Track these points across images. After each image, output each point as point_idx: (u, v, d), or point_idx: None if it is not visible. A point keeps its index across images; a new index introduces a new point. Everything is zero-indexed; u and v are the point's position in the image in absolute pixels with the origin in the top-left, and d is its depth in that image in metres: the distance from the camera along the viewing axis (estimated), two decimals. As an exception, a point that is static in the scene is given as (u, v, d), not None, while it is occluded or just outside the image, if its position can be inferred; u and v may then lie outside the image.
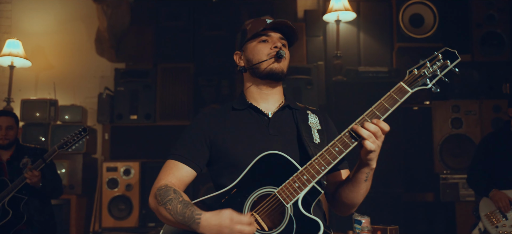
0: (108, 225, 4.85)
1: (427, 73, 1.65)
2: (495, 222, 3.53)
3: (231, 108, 1.86)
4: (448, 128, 4.96)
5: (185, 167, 1.77)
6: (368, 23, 5.41)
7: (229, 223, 1.53)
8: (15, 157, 3.31)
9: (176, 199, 1.65)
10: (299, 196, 1.56)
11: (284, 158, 1.62)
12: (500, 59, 5.14)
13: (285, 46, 1.87)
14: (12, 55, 5.08)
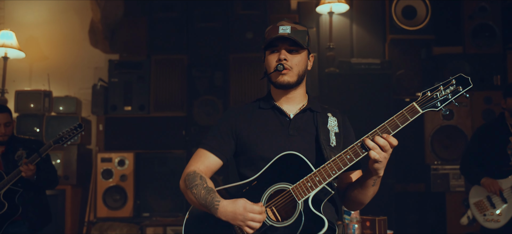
0: (103, 215, 4.91)
1: (439, 96, 1.79)
2: (483, 210, 3.60)
3: (258, 107, 2.01)
4: (439, 120, 5.00)
5: (212, 156, 1.95)
6: (360, 15, 5.41)
7: (242, 211, 1.71)
8: (9, 149, 3.32)
9: (201, 185, 1.83)
10: (310, 195, 1.73)
11: (301, 159, 1.78)
12: (491, 51, 5.16)
13: (295, 53, 1.94)
14: (6, 46, 5.07)
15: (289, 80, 1.92)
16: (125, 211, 4.93)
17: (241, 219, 1.72)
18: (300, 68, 1.94)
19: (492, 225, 3.55)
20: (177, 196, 4.94)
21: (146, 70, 5.24)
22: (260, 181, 1.83)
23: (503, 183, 3.55)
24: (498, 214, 3.54)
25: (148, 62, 5.26)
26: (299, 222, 1.72)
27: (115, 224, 4.78)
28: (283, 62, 1.89)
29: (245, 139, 1.95)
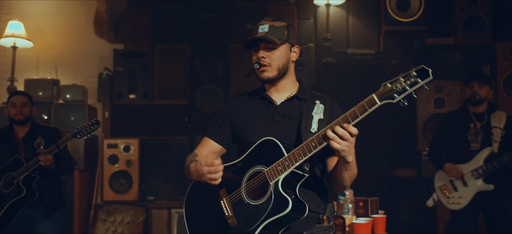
0: (109, 198, 5.09)
1: (398, 88, 1.76)
2: (447, 193, 3.82)
3: (251, 97, 2.18)
4: (431, 108, 5.20)
5: (213, 142, 2.17)
6: (356, 7, 5.57)
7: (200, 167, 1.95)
8: (30, 135, 3.49)
9: (191, 158, 2.09)
10: (279, 178, 1.85)
11: (276, 144, 1.90)
12: (481, 42, 5.31)
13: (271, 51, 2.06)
14: (15, 36, 5.23)
15: (269, 75, 2.06)
16: (130, 195, 5.11)
17: (205, 177, 1.92)
18: (280, 62, 2.06)
19: (454, 207, 3.78)
20: (180, 180, 5.13)
21: (150, 59, 5.38)
22: (243, 163, 2.00)
23: (464, 167, 3.77)
24: (460, 196, 3.76)
25: (151, 51, 5.40)
26: (269, 201, 1.86)
27: (121, 207, 4.97)
28: (260, 60, 2.05)
29: (238, 126, 2.13)
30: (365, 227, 2.75)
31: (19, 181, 3.24)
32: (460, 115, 3.99)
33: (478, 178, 3.73)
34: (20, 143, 3.44)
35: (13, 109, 3.45)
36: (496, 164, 3.67)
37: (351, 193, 3.08)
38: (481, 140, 3.82)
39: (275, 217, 1.81)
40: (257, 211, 1.86)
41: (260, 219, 1.84)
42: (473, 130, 3.85)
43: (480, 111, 3.89)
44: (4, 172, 3.31)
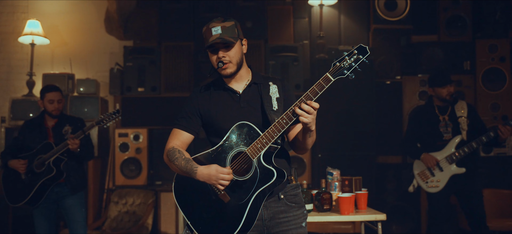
0: (120, 183, 5.46)
1: (346, 65, 2.11)
2: (425, 178, 4.26)
3: (214, 89, 2.43)
4: (416, 100, 5.60)
5: (185, 133, 2.40)
6: (347, 7, 5.92)
7: (215, 173, 2.16)
8: (58, 124, 3.90)
9: (180, 157, 2.30)
10: (260, 154, 2.19)
11: (251, 126, 2.24)
12: (462, 39, 5.70)
13: (229, 48, 2.30)
14: (33, 34, 5.65)
15: (231, 71, 2.30)
16: (140, 180, 5.48)
17: (214, 180, 2.16)
18: (237, 57, 2.30)
19: (433, 190, 4.21)
20: None
21: (157, 55, 5.71)
22: (223, 147, 2.24)
23: (438, 155, 4.18)
24: (437, 180, 4.19)
25: (159, 48, 5.74)
26: (256, 175, 2.17)
27: (132, 191, 5.40)
28: (222, 59, 2.28)
29: (208, 116, 2.34)
30: (348, 200, 3.21)
31: (50, 162, 3.69)
32: (428, 110, 4.37)
33: (452, 163, 4.18)
34: (49, 130, 3.87)
35: (50, 105, 3.84)
36: (466, 150, 4.11)
37: (338, 173, 3.54)
38: (451, 130, 4.26)
39: (264, 186, 2.17)
40: (247, 185, 2.19)
41: (251, 190, 2.18)
42: (443, 122, 4.28)
43: (444, 105, 4.30)
44: (36, 155, 3.76)
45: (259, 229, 2.30)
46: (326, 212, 3.30)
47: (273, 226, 2.31)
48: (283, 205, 2.32)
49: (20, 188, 3.73)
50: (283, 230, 2.31)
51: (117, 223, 5.23)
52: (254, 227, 2.25)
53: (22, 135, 3.89)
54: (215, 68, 2.33)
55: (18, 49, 6.17)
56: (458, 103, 4.32)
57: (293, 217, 2.33)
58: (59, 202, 3.86)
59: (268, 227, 2.31)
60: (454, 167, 4.16)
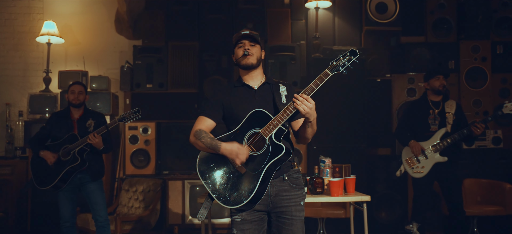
0: (130, 172, 5.88)
1: (340, 64, 2.63)
2: (412, 164, 4.73)
3: (233, 86, 2.91)
4: (404, 96, 6.00)
5: (209, 120, 2.82)
6: (341, 10, 6.31)
7: (236, 149, 2.60)
8: (83, 117, 4.33)
9: (206, 136, 2.71)
10: (272, 133, 2.64)
11: (264, 112, 2.69)
12: (448, 40, 6.13)
13: (254, 45, 2.82)
14: (49, 34, 6.08)
15: (252, 61, 2.76)
16: (148, 170, 5.92)
17: (234, 155, 2.58)
18: (258, 54, 2.79)
19: (417, 175, 4.68)
20: (191, 157, 5.93)
21: (165, 54, 6.11)
22: (241, 130, 2.68)
23: (425, 144, 4.65)
24: (422, 166, 4.66)
25: (166, 47, 6.14)
26: (268, 150, 2.60)
27: (141, 179, 5.83)
28: (248, 50, 2.75)
29: (228, 107, 2.77)
30: (338, 184, 3.66)
31: (75, 152, 4.13)
32: (421, 103, 4.87)
33: (436, 152, 4.64)
34: (74, 123, 4.30)
35: (72, 95, 4.29)
36: (450, 141, 4.58)
37: (329, 161, 3.99)
38: (438, 123, 4.73)
39: (274, 159, 2.62)
40: (260, 158, 2.65)
41: (264, 163, 2.63)
42: (432, 115, 4.74)
43: (436, 100, 4.79)
44: (62, 144, 4.20)
45: (265, 203, 2.74)
46: (319, 195, 3.75)
47: (277, 201, 2.76)
48: (286, 185, 2.77)
49: (47, 173, 4.17)
50: (284, 206, 2.76)
51: (128, 209, 5.68)
52: (263, 201, 2.70)
53: (50, 125, 4.33)
54: (239, 57, 2.80)
55: (34, 48, 6.60)
56: (448, 101, 4.79)
57: (294, 196, 2.78)
58: (81, 187, 4.29)
59: (272, 202, 2.75)
60: (437, 155, 4.61)
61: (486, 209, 5.29)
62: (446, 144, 4.61)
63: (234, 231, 2.73)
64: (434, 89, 4.73)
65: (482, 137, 5.83)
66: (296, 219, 2.76)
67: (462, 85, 6.06)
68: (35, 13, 6.62)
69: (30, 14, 6.62)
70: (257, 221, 2.74)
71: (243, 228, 2.71)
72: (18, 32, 6.61)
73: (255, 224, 2.73)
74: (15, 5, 6.63)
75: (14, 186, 5.89)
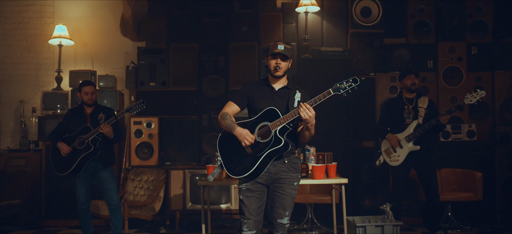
0: (136, 164, 6.38)
1: (342, 87, 3.16)
2: (389, 154, 5.27)
3: (260, 83, 3.52)
4: (387, 93, 6.50)
5: (235, 105, 3.45)
6: (329, 14, 6.80)
7: (244, 134, 3.22)
8: (94, 112, 4.85)
9: (229, 119, 3.34)
10: (277, 128, 3.23)
11: (276, 111, 3.27)
12: (427, 42, 6.63)
13: (284, 60, 3.38)
14: (61, 37, 6.61)
15: (280, 74, 3.34)
16: (152, 161, 6.40)
17: (242, 138, 3.20)
18: (286, 68, 3.37)
19: (395, 163, 5.21)
20: (191, 149, 6.44)
21: (166, 55, 6.57)
22: (256, 120, 3.29)
23: (400, 135, 5.19)
24: (398, 155, 5.20)
25: (167, 49, 6.60)
26: (271, 141, 3.18)
27: (146, 170, 6.37)
28: (278, 65, 3.39)
29: (251, 99, 3.39)
30: (320, 169, 4.21)
31: (89, 141, 4.67)
32: (397, 100, 5.41)
33: (409, 141, 5.18)
34: (87, 117, 4.84)
35: (86, 96, 4.80)
36: (420, 131, 5.12)
37: (314, 149, 4.53)
38: (412, 117, 5.27)
39: (274, 148, 3.20)
40: (263, 145, 3.24)
41: (265, 149, 3.22)
42: (407, 110, 5.29)
43: (411, 97, 5.33)
44: (77, 136, 4.73)
45: (266, 178, 3.33)
46: (304, 178, 4.30)
47: (275, 178, 3.35)
48: (285, 167, 3.35)
49: (65, 161, 4.71)
50: (281, 183, 3.35)
51: (134, 197, 6.22)
52: (263, 177, 3.31)
53: (66, 120, 4.86)
54: (271, 69, 3.37)
55: (45, 49, 7.12)
56: (421, 98, 5.33)
57: (289, 177, 3.37)
58: (95, 175, 4.83)
59: (272, 178, 3.34)
60: (411, 144, 5.16)
61: (459, 195, 5.84)
62: (418, 134, 5.15)
63: (240, 197, 3.35)
64: (406, 87, 5.27)
65: (458, 131, 6.38)
66: (288, 195, 3.35)
67: (440, 83, 6.58)
68: (47, 17, 7.13)
69: (41, 18, 7.14)
70: (258, 191, 3.35)
71: (247, 195, 3.32)
72: (31, 35, 7.14)
73: (257, 193, 3.34)
74: (28, 10, 7.14)
75: (29, 176, 6.43)
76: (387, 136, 5.27)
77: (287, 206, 3.34)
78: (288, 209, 3.33)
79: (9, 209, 6.02)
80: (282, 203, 3.34)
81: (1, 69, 7.13)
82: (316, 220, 6.00)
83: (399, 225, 4.35)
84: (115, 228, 4.81)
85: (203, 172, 6.05)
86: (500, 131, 6.44)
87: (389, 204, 4.51)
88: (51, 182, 6.34)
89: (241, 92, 3.52)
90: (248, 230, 3.31)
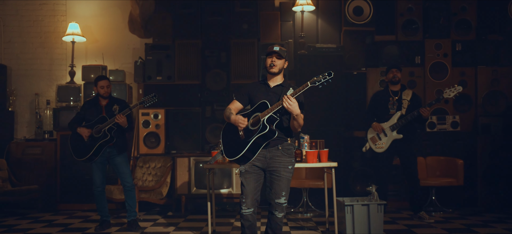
0: (143, 152, 6.85)
1: (318, 81, 3.54)
2: (375, 141, 5.78)
3: (259, 83, 4.01)
4: (377, 87, 6.94)
5: (237, 102, 3.96)
6: (323, 13, 7.28)
7: (238, 119, 3.75)
8: (109, 104, 5.31)
9: (229, 112, 3.88)
10: (265, 117, 3.71)
11: (266, 103, 3.75)
12: (415, 39, 7.10)
13: (279, 59, 3.84)
14: (74, 34, 7.09)
15: (275, 71, 3.84)
16: (159, 149, 6.86)
17: (236, 123, 3.73)
18: (280, 66, 3.83)
19: (379, 150, 5.73)
20: (195, 139, 6.90)
21: (172, 51, 7.00)
22: (252, 111, 3.78)
23: (385, 125, 5.71)
24: (383, 143, 5.72)
25: (173, 45, 7.03)
26: (259, 128, 3.65)
27: (153, 157, 6.86)
28: (273, 62, 3.85)
29: (252, 95, 3.89)
30: (313, 154, 4.71)
31: (105, 129, 5.16)
32: (384, 93, 5.92)
33: (393, 130, 5.69)
34: (103, 108, 5.32)
35: (101, 89, 5.26)
36: (403, 121, 5.63)
37: (308, 137, 5.03)
38: (396, 108, 5.77)
39: (261, 134, 3.69)
40: (253, 132, 3.74)
41: (254, 134, 3.72)
42: (391, 102, 5.79)
43: (396, 89, 5.83)
44: (94, 125, 5.21)
45: (262, 162, 3.83)
46: (298, 162, 4.80)
47: (271, 163, 3.83)
48: (279, 152, 3.84)
49: (83, 147, 5.20)
50: (276, 167, 3.83)
51: (143, 182, 6.72)
52: (260, 161, 3.80)
53: (83, 110, 5.35)
54: (267, 66, 3.87)
55: (58, 45, 7.60)
56: (406, 91, 5.83)
57: (284, 161, 3.85)
58: (110, 160, 5.31)
59: (268, 163, 3.83)
60: (394, 133, 5.67)
61: (442, 181, 6.35)
62: (401, 124, 5.65)
63: (241, 179, 3.86)
64: (389, 79, 5.78)
65: (443, 122, 6.88)
66: (283, 177, 3.85)
67: (426, 77, 7.06)
68: (59, 15, 7.60)
69: (54, 16, 7.61)
70: (256, 173, 3.86)
71: (246, 177, 3.84)
72: (45, 32, 7.61)
73: (254, 175, 3.85)
74: (42, 8, 7.62)
75: (45, 163, 6.93)
76: (372, 124, 5.78)
77: (284, 187, 3.84)
78: (284, 190, 3.84)
79: (28, 193, 6.53)
80: (279, 185, 3.83)
81: (17, 64, 7.60)
82: (311, 203, 6.51)
83: (383, 204, 4.85)
84: (130, 207, 5.32)
85: (207, 159, 6.54)
86: (482, 122, 6.93)
87: (374, 185, 5.01)
88: (66, 169, 6.85)
89: (243, 91, 4.03)
90: (246, 208, 3.82)
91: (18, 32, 7.61)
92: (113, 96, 5.50)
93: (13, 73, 7.59)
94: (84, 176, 6.79)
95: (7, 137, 7.22)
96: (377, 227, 4.78)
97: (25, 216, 6.33)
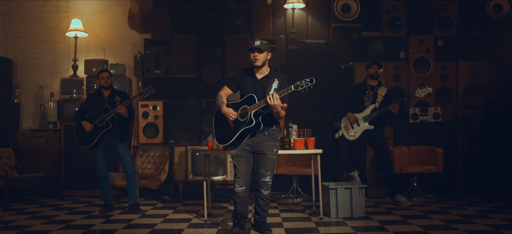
0: (143, 141, 7.24)
1: (300, 85, 3.95)
2: (347, 130, 6.21)
3: (247, 72, 4.40)
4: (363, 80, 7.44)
5: (228, 89, 4.44)
6: (313, 10, 7.64)
7: (228, 112, 4.21)
8: (111, 95, 5.68)
9: (220, 100, 4.35)
10: (252, 111, 4.14)
11: (254, 97, 4.17)
12: (400, 35, 7.49)
13: (260, 52, 4.24)
14: (76, 30, 7.46)
15: (258, 64, 4.29)
16: (157, 139, 7.24)
17: (226, 115, 4.21)
18: (263, 59, 4.29)
19: (351, 138, 6.15)
20: (192, 129, 7.29)
21: (170, 46, 7.36)
22: (240, 103, 4.26)
23: (359, 115, 6.13)
24: (355, 132, 6.14)
25: (171, 40, 7.39)
26: (246, 120, 4.15)
27: (152, 147, 7.26)
28: (255, 57, 4.26)
29: (241, 85, 4.38)
30: (300, 142, 5.13)
31: (108, 119, 5.55)
32: (361, 86, 6.33)
33: (366, 121, 6.13)
34: (105, 99, 5.71)
35: (102, 80, 5.65)
36: (376, 114, 6.07)
37: (296, 126, 5.44)
38: (371, 101, 6.19)
39: (247, 127, 4.12)
40: (241, 123, 4.17)
41: (242, 126, 4.16)
42: (367, 95, 6.22)
43: (373, 84, 6.25)
44: (98, 115, 5.60)
45: (251, 146, 4.29)
46: (286, 149, 5.22)
47: (258, 147, 4.29)
48: (265, 137, 4.30)
49: (88, 136, 5.61)
50: (263, 150, 4.30)
51: (142, 170, 7.13)
52: (249, 145, 4.24)
53: (88, 102, 5.74)
54: (251, 60, 4.26)
55: (61, 40, 7.97)
56: (381, 87, 6.25)
57: (269, 145, 4.31)
58: (113, 148, 5.71)
59: (256, 147, 4.29)
60: (366, 124, 6.11)
61: (423, 168, 6.79)
62: (373, 116, 6.09)
63: (233, 162, 4.31)
64: (370, 74, 6.19)
65: (425, 113, 7.30)
66: (269, 159, 4.31)
67: (410, 71, 7.47)
68: (62, 12, 7.97)
69: (57, 13, 7.98)
70: (246, 157, 4.32)
71: (238, 160, 4.31)
72: (48, 28, 7.98)
73: (244, 158, 4.32)
74: (45, 5, 7.98)
75: (49, 152, 7.33)
76: (347, 114, 6.21)
77: (269, 167, 4.29)
78: (269, 170, 4.29)
79: (35, 180, 6.93)
80: (264, 165, 4.29)
81: (22, 58, 7.97)
82: (300, 189, 6.94)
83: (364, 187, 5.29)
84: (131, 192, 5.74)
85: (203, 148, 6.94)
86: (462, 114, 7.36)
87: (357, 171, 5.44)
88: (70, 158, 7.25)
89: (233, 78, 4.44)
90: (239, 186, 4.28)
91: (22, 27, 7.96)
92: (114, 88, 5.89)
93: (18, 66, 7.96)
94: (87, 164, 7.19)
95: (13, 127, 7.60)
96: (359, 208, 5.22)
97: (32, 201, 6.74)
